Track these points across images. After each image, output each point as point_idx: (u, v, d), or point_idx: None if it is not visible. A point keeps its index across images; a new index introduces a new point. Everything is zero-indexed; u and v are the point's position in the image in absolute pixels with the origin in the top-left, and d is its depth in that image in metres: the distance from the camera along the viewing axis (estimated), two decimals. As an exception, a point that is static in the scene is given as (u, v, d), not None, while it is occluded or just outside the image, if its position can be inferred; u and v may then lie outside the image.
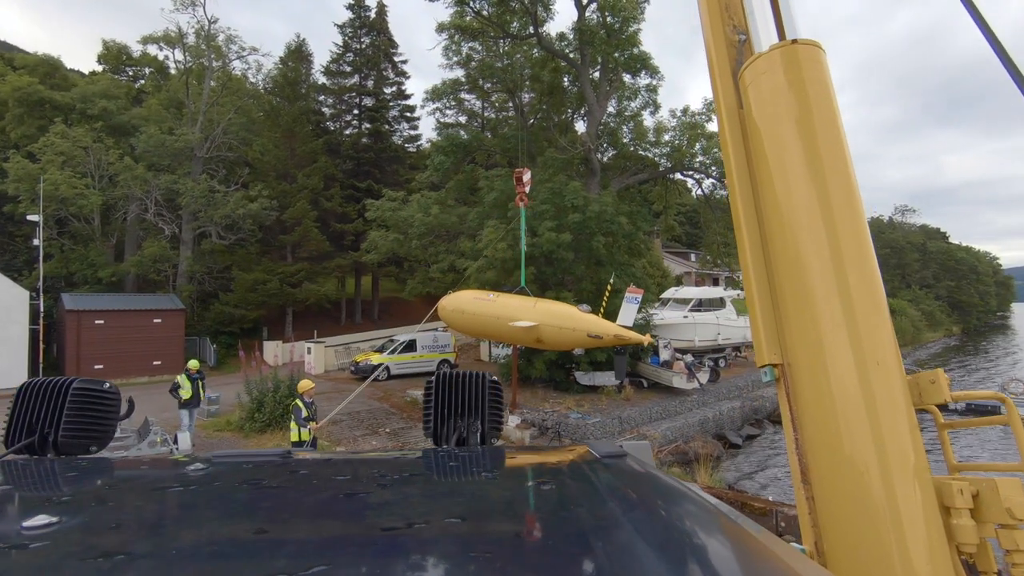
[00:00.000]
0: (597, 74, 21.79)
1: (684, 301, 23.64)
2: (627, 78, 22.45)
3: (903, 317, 46.17)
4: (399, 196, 24.04)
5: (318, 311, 31.63)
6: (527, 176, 12.11)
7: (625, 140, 22.83)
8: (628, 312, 11.46)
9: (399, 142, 39.51)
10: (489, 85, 24.54)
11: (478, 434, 1.46)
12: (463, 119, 30.96)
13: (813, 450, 1.92)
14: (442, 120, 27.29)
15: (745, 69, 2.26)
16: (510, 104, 24.99)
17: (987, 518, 1.70)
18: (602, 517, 0.77)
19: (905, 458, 1.72)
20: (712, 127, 21.68)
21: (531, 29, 20.30)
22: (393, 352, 22.91)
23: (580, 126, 24.08)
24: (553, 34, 21.95)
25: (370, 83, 37.58)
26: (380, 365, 22.53)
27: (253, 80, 34.80)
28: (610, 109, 22.73)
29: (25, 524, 0.69)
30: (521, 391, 17.66)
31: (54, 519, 0.71)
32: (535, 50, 22.06)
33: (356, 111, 37.80)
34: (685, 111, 22.03)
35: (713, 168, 21.56)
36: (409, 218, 21.63)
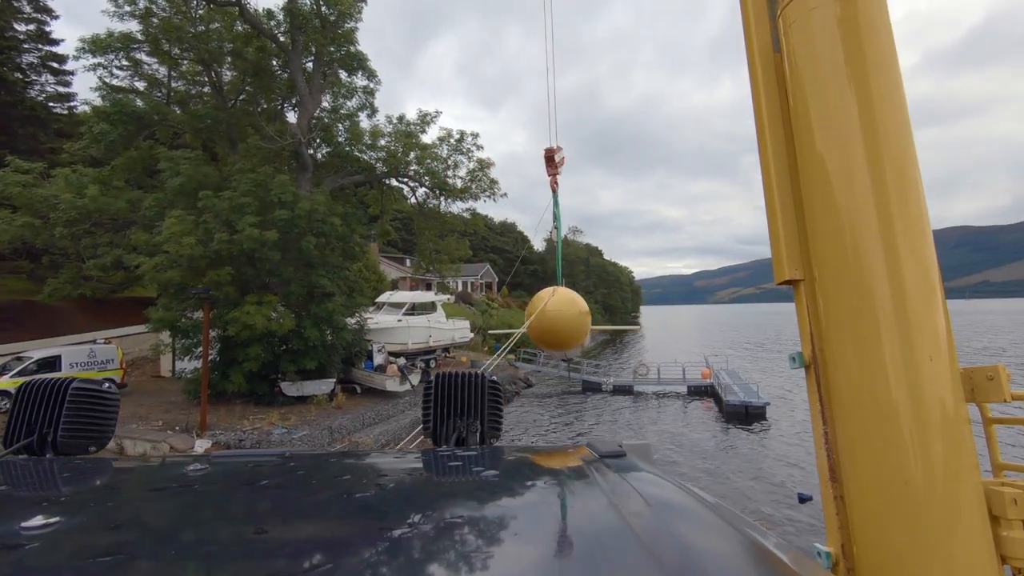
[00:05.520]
0: (311, 64, 20.53)
1: (398, 305, 24.14)
2: (343, 75, 21.76)
3: (573, 318, 56.78)
4: (36, 168, 18.29)
5: None
6: (559, 155, 10.05)
7: (340, 139, 22.05)
8: None
9: (40, 98, 30.24)
10: (178, 51, 20.64)
11: (477, 434, 1.49)
12: (140, 85, 25.40)
13: (846, 446, 1.76)
14: (109, 81, 21.75)
15: (788, 5, 2.04)
16: (206, 78, 21.53)
17: None
18: (603, 516, 0.78)
19: (953, 460, 1.58)
20: (426, 138, 22.74)
21: (233, -3, 17.93)
22: (21, 373, 17.22)
23: (292, 117, 22.33)
24: (260, 9, 19.80)
25: (-10, 12, 27.80)
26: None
27: None
28: (325, 104, 21.66)
29: (23, 524, 0.69)
30: (214, 409, 15.31)
31: (52, 519, 0.71)
32: (238, 23, 19.56)
33: (-37, 45, 27.47)
34: (400, 119, 22.51)
35: (426, 178, 22.57)
36: (52, 198, 16.63)
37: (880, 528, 1.64)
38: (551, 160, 10.09)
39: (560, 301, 8.03)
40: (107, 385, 1.43)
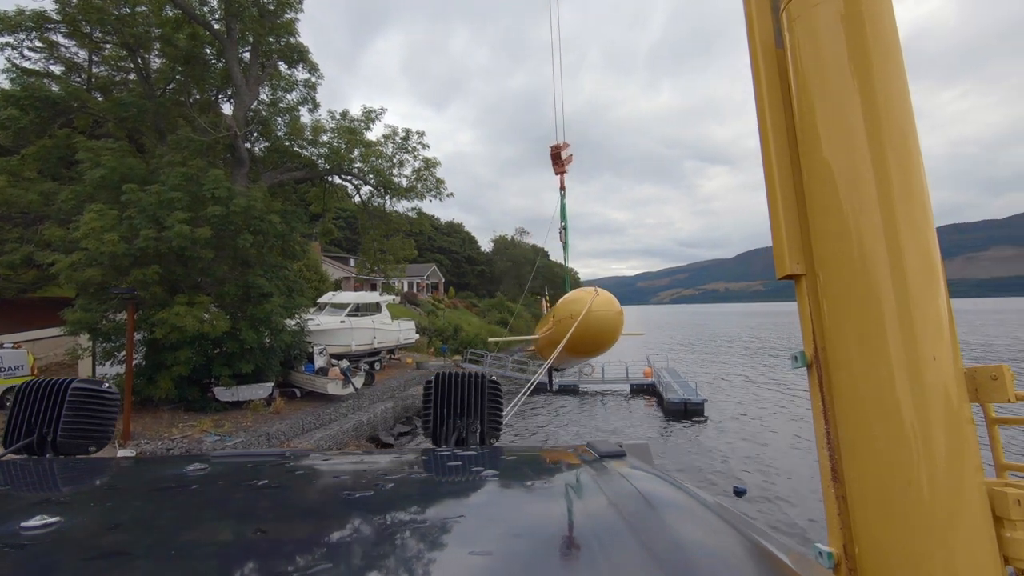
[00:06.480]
0: (248, 55, 19.64)
1: (341, 306, 23.50)
2: (283, 67, 20.96)
3: (520, 318, 57.23)
4: (-69, 155, 16.62)
5: None
6: (566, 152, 9.07)
7: (279, 133, 21.21)
8: None
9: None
10: (100, 34, 19.20)
11: (477, 434, 1.50)
12: (57, 68, 23.52)
13: (848, 446, 1.74)
14: (19, 63, 19.99)
15: (791, 1, 2.01)
16: (131, 64, 20.14)
17: None
18: (603, 516, 0.77)
19: (956, 461, 1.57)
20: (371, 136, 22.24)
21: (161, -21, 16.90)
22: (-87, 382, 15.57)
23: (228, 109, 21.28)
24: (193, -6, 18.76)
25: None
26: None
27: None
28: (263, 97, 20.78)
29: (23, 524, 0.69)
30: (139, 417, 14.37)
31: (52, 519, 0.71)
32: (168, 7, 18.45)
33: None
34: (344, 115, 21.90)
35: (371, 176, 22.06)
36: (-50, 189, 15.15)
37: (882, 528, 1.63)
38: (557, 157, 9.59)
39: (604, 302, 7.39)
40: (107, 385, 1.43)
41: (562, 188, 10.03)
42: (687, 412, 22.09)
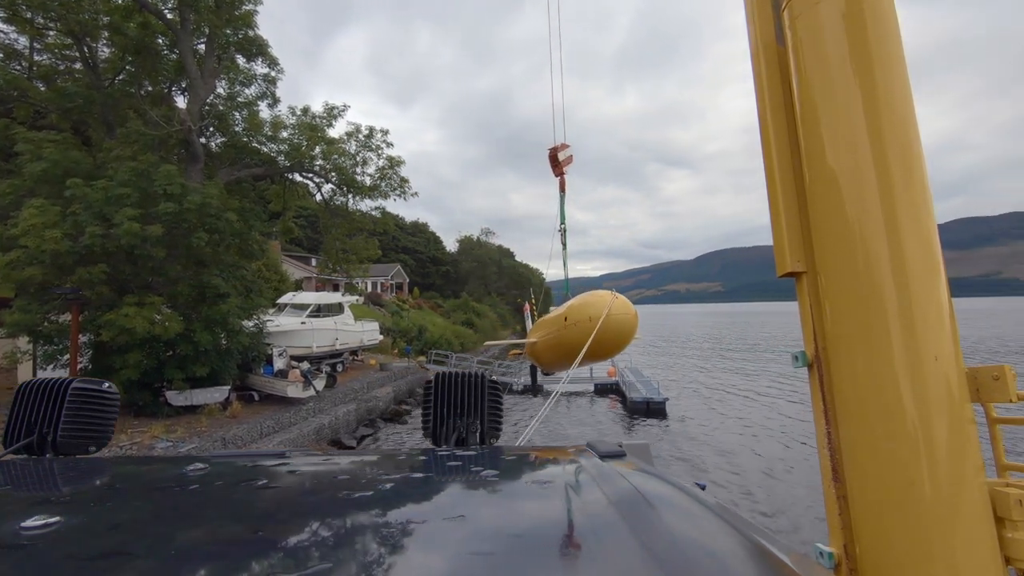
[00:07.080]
0: (203, 46, 18.94)
1: (302, 307, 22.96)
2: (240, 61, 20.30)
3: (485, 318, 57.22)
4: None
5: None
6: (563, 154, 8.52)
7: (237, 128, 20.52)
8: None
9: None
10: (42, 20, 18.17)
11: (477, 434, 1.51)
12: (-6, 55, 22.14)
13: (849, 446, 1.73)
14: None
15: None
16: (77, 53, 19.12)
17: None
18: (603, 517, 0.78)
19: (957, 461, 1.56)
20: (333, 133, 21.78)
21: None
22: None
23: (182, 102, 20.45)
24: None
25: None
26: None
27: None
28: (220, 91, 20.08)
29: (23, 524, 0.70)
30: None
31: (53, 519, 0.72)
32: (117, -6, 17.60)
33: None
34: (305, 111, 21.38)
35: (333, 174, 21.61)
36: None
37: (883, 529, 1.62)
38: (555, 159, 9.20)
39: (622, 305, 7.31)
40: (107, 385, 1.44)
41: (562, 190, 9.82)
42: (649, 411, 22.48)
